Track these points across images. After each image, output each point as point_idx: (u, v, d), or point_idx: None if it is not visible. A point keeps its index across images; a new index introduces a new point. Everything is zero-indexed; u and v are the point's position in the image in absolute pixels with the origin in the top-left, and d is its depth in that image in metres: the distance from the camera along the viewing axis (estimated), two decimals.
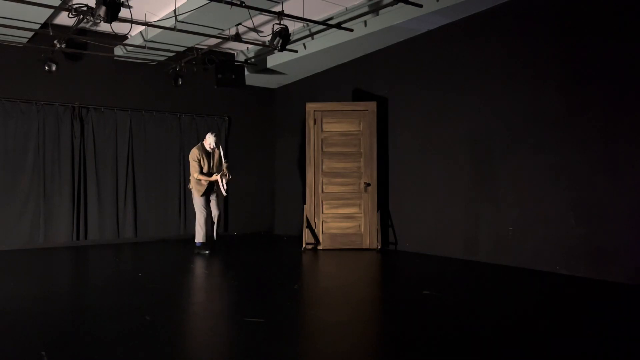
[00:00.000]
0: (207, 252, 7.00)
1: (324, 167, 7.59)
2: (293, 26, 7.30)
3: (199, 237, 7.08)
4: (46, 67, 7.34)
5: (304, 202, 7.70)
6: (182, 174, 9.02)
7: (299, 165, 8.94)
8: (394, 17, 6.58)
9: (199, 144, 7.11)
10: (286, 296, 4.57)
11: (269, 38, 6.48)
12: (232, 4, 5.84)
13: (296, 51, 7.91)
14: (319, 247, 7.54)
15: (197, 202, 7.06)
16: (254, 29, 7.17)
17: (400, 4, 6.33)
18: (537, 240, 5.63)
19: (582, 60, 5.29)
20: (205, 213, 7.06)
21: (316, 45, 7.71)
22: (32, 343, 3.20)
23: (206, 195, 7.07)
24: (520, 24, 5.86)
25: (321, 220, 7.57)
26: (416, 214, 7.14)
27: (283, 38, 6.31)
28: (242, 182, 9.27)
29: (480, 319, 3.76)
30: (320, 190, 7.59)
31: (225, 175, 6.91)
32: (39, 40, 7.32)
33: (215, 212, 7.15)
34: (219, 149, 7.20)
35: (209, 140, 7.02)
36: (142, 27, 7.25)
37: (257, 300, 4.58)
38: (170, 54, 8.16)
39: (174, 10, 6.55)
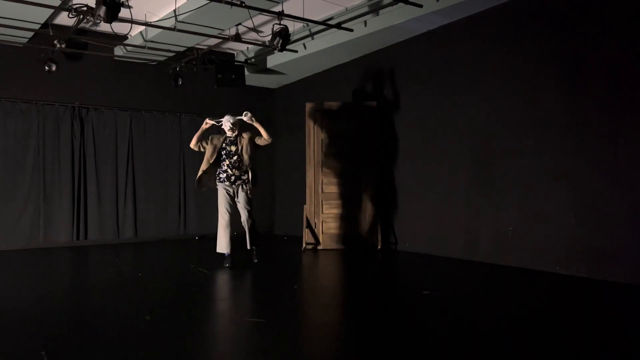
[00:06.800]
0: (227, 265, 5.87)
1: (324, 167, 7.58)
2: (293, 26, 7.30)
3: (218, 246, 5.96)
4: (46, 67, 7.35)
5: (304, 202, 7.70)
6: (182, 173, 9.03)
7: (299, 165, 8.93)
8: (394, 17, 6.58)
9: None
10: (286, 296, 4.57)
11: (269, 38, 6.48)
12: (232, 4, 5.84)
13: (296, 51, 7.91)
14: (319, 247, 7.53)
15: (218, 202, 5.97)
16: (254, 29, 7.17)
17: (400, 4, 6.33)
18: (537, 240, 5.62)
19: (583, 61, 5.29)
20: (225, 217, 5.88)
21: (316, 45, 7.71)
22: (32, 343, 3.20)
23: (227, 191, 5.93)
24: (521, 24, 5.86)
25: (321, 220, 7.56)
26: (416, 214, 7.13)
27: (283, 38, 6.31)
28: None
29: (480, 319, 3.75)
30: (320, 190, 7.58)
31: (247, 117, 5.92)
32: (39, 40, 7.33)
33: (243, 216, 6.03)
34: (251, 128, 6.04)
35: (223, 122, 6.04)
36: (142, 27, 7.26)
37: (258, 300, 4.58)
38: (170, 54, 8.17)
39: (174, 10, 6.55)
